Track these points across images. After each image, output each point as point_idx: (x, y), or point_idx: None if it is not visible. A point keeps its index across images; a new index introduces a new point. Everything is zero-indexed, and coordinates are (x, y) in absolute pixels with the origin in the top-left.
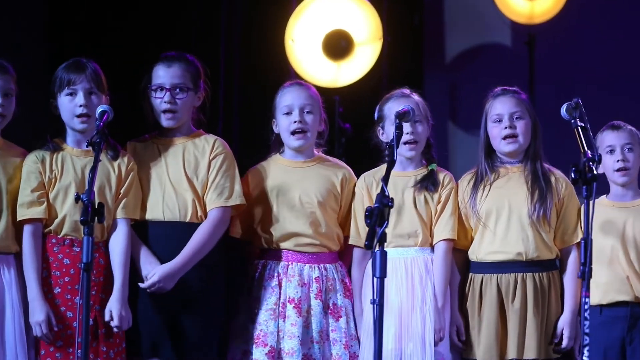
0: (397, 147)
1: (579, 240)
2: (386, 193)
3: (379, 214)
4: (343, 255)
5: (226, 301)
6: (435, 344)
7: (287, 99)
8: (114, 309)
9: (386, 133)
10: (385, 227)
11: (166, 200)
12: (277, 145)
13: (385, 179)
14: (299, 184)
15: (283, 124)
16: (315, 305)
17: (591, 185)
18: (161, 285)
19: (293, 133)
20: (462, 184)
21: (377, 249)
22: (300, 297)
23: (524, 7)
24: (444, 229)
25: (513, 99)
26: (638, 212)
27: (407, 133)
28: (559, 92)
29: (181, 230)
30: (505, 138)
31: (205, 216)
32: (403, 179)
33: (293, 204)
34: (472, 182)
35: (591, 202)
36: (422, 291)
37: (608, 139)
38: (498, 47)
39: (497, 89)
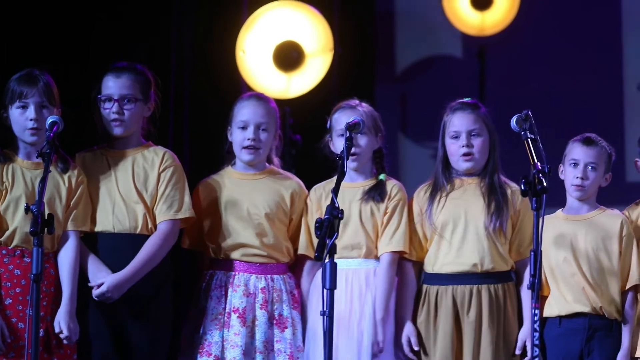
0: (347, 159)
1: None
2: (336, 204)
3: (328, 226)
4: (294, 267)
5: (175, 312)
6: (374, 357)
7: (244, 113)
8: (62, 320)
9: (334, 144)
10: (335, 238)
11: (116, 212)
12: (230, 154)
13: (335, 191)
14: (247, 196)
15: (237, 138)
16: (261, 315)
17: (541, 197)
18: (109, 295)
19: (245, 147)
20: (419, 194)
21: (327, 260)
22: (245, 307)
23: (474, 18)
24: (389, 241)
25: (472, 115)
26: (591, 225)
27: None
28: (509, 104)
29: (131, 243)
30: (462, 155)
31: (155, 228)
32: (352, 190)
33: (241, 215)
34: (428, 193)
35: (541, 213)
36: (360, 303)
37: (575, 152)
38: (449, 59)
39: (455, 102)
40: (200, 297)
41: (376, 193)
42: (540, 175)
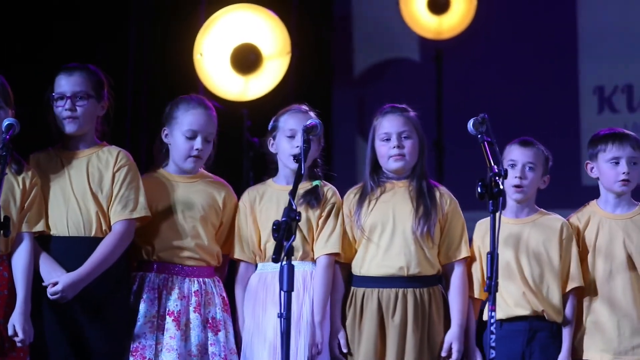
0: (305, 161)
1: (462, 256)
2: (293, 207)
3: (286, 228)
4: (220, 270)
5: (131, 312)
6: (312, 359)
7: (193, 122)
8: (17, 323)
9: (276, 145)
10: (293, 240)
11: (70, 214)
12: (164, 156)
13: (292, 193)
14: (182, 198)
15: (182, 145)
16: (194, 318)
17: (497, 199)
18: (64, 294)
19: (191, 157)
20: (349, 197)
21: (284, 262)
22: (179, 310)
23: (432, 22)
24: (324, 244)
25: (402, 118)
26: (532, 228)
27: (297, 147)
28: (466, 107)
29: (86, 246)
30: (392, 156)
31: (110, 230)
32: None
33: (175, 218)
34: (357, 196)
35: (497, 216)
36: (298, 306)
37: (513, 153)
38: (406, 62)
39: (385, 106)
40: (130, 299)
41: (312, 197)
42: (497, 178)
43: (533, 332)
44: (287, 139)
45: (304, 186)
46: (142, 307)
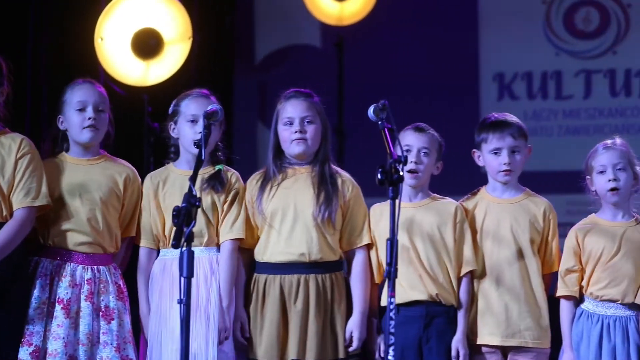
0: (205, 146)
1: (364, 242)
2: (194, 192)
3: (186, 214)
4: (124, 254)
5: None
6: (220, 344)
7: (80, 95)
8: None
9: (178, 129)
10: (193, 226)
11: None
12: (60, 142)
13: (193, 179)
14: (81, 182)
15: (75, 120)
16: (85, 307)
17: (397, 186)
18: None
19: (86, 127)
20: (251, 183)
21: (184, 248)
22: (70, 298)
23: (333, 8)
24: (229, 229)
25: (305, 103)
26: (426, 212)
27: (199, 132)
28: (368, 93)
29: None
30: (295, 140)
31: (11, 216)
32: None
33: (73, 202)
34: (260, 182)
35: (397, 202)
36: (206, 291)
37: (408, 139)
38: (308, 48)
39: (289, 90)
40: (24, 284)
41: (216, 182)
42: (397, 164)
43: (430, 317)
44: (188, 124)
45: (207, 171)
46: (34, 293)
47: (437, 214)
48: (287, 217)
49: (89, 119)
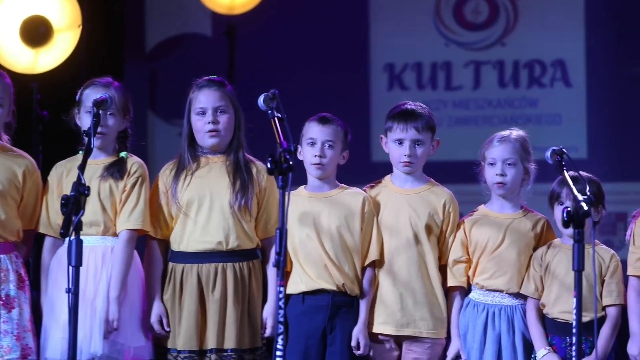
0: (94, 135)
1: None
2: (82, 181)
3: (75, 202)
4: (26, 245)
5: None
6: (107, 335)
7: None
8: None
9: (81, 118)
10: (82, 215)
11: None
12: None
13: (82, 167)
14: None
15: None
16: None
17: (287, 175)
18: None
19: None
20: (165, 173)
21: (72, 237)
22: None
23: None
24: (127, 219)
25: (217, 92)
26: (334, 202)
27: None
28: (258, 83)
29: None
30: (208, 132)
31: None
32: (92, 167)
33: None
34: (174, 171)
35: (287, 191)
36: (95, 281)
37: (312, 131)
38: (199, 37)
39: (201, 79)
40: None
41: (115, 170)
42: (286, 154)
43: (336, 307)
44: (87, 114)
45: (111, 159)
46: None
47: (344, 204)
48: (203, 206)
49: None
